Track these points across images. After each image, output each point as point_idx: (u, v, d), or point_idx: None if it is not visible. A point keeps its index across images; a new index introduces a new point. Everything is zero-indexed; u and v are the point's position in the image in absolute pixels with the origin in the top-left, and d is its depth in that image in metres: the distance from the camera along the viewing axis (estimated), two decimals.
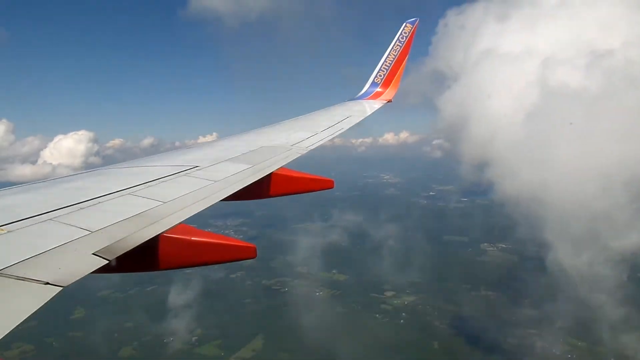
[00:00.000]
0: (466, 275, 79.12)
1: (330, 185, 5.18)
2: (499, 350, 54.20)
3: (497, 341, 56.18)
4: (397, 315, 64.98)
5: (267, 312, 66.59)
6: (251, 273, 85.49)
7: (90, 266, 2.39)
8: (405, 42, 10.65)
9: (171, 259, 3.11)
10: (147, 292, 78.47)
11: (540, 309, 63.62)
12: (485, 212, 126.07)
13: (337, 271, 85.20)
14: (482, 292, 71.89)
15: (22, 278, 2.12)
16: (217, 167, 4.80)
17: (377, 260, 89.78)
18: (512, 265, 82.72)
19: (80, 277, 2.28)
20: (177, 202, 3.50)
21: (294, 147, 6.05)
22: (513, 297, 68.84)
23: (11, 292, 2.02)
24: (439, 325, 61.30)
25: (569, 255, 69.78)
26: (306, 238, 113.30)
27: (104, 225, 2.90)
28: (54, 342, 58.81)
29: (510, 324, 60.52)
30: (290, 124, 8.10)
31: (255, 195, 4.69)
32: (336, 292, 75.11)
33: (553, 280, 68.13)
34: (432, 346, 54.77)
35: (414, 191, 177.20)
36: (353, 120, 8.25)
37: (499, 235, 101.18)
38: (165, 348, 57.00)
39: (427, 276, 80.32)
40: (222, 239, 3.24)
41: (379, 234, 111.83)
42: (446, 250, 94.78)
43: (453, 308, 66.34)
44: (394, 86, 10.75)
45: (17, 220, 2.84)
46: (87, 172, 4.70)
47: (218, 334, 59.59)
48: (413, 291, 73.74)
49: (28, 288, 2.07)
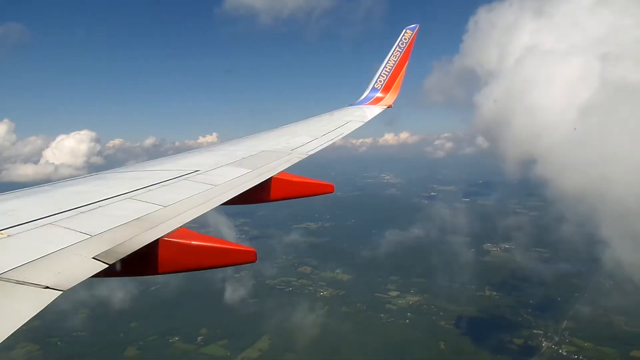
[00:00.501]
0: (470, 275, 79.11)
1: (330, 189, 5.22)
2: (507, 351, 54.18)
3: (504, 342, 56.16)
4: (402, 315, 64.89)
5: (272, 312, 66.39)
6: (255, 273, 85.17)
7: (90, 270, 2.40)
8: (405, 48, 10.73)
9: (171, 263, 3.10)
10: (150, 292, 78.14)
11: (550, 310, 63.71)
12: (487, 213, 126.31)
13: (340, 271, 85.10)
14: (487, 293, 71.83)
15: (22, 282, 2.12)
16: (218, 171, 4.85)
17: (380, 260, 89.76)
18: (516, 266, 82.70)
19: (80, 281, 2.29)
20: (177, 206, 3.53)
21: (294, 151, 6.09)
22: (518, 298, 68.84)
23: (11, 296, 2.02)
24: (444, 325, 61.23)
25: (628, 252, 68.25)
26: (308, 238, 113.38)
27: (104, 229, 2.91)
28: (59, 342, 58.56)
29: (516, 324, 60.52)
30: (290, 128, 8.15)
31: (255, 199, 4.75)
32: (340, 291, 74.99)
33: (608, 278, 67.90)
34: (439, 346, 54.67)
35: (414, 192, 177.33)
36: (353, 126, 8.34)
37: (503, 236, 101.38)
38: (171, 348, 56.79)
39: (431, 276, 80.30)
40: (223, 243, 3.24)
41: (380, 234, 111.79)
42: (449, 251, 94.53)
43: (458, 308, 66.28)
44: (394, 91, 10.83)
45: (17, 225, 2.85)
46: (87, 176, 4.73)
47: (223, 334, 59.38)
48: (417, 291, 73.68)
49: (28, 292, 2.07)
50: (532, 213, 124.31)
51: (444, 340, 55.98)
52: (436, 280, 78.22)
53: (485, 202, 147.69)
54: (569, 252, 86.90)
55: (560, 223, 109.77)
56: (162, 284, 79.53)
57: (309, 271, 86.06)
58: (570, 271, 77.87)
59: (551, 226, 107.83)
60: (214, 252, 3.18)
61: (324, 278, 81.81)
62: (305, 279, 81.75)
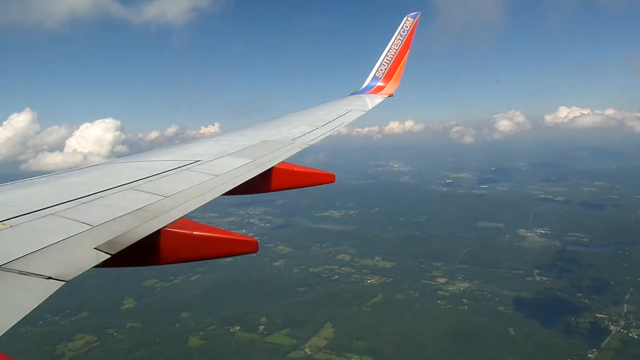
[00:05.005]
0: (514, 260, 78.88)
1: (331, 179, 5.15)
2: (576, 333, 53.83)
3: (571, 324, 55.86)
4: (458, 301, 64.26)
5: (326, 300, 65.36)
6: (293, 261, 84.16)
7: (92, 261, 2.39)
8: (406, 36, 10.58)
9: (173, 253, 3.10)
10: (191, 281, 76.71)
11: (606, 293, 63.61)
12: (510, 199, 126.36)
13: (380, 258, 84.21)
14: (536, 278, 71.52)
15: (25, 273, 2.12)
16: (219, 161, 4.83)
17: (416, 247, 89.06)
18: (558, 250, 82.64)
19: (82, 272, 2.27)
20: (178, 197, 3.52)
21: (295, 141, 6.07)
22: (570, 281, 68.64)
23: (14, 286, 2.02)
24: (504, 310, 60.73)
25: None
26: (335, 226, 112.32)
27: (106, 219, 2.90)
28: (115, 332, 56.91)
29: (577, 307, 60.27)
30: (291, 118, 8.11)
31: (256, 189, 4.74)
32: (387, 279, 74.12)
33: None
34: (509, 332, 54.14)
35: (429, 179, 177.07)
36: (354, 115, 8.29)
37: (535, 221, 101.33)
38: (234, 337, 55.46)
39: (474, 262, 79.95)
40: (224, 233, 3.24)
41: (408, 221, 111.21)
42: (483, 237, 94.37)
43: (512, 293, 65.85)
44: (396, 80, 10.73)
45: (19, 215, 2.84)
46: (89, 167, 4.68)
47: (284, 323, 58.16)
48: (465, 277, 73.10)
49: (30, 283, 2.07)
50: (557, 198, 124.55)
51: (511, 326, 55.37)
52: (480, 266, 77.84)
53: (504, 189, 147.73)
54: (608, 236, 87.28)
55: (591, 208, 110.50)
56: (203, 272, 78.36)
57: (348, 259, 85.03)
58: (615, 255, 77.88)
59: (581, 212, 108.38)
60: (215, 242, 3.17)
61: (366, 266, 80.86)
62: (347, 266, 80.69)
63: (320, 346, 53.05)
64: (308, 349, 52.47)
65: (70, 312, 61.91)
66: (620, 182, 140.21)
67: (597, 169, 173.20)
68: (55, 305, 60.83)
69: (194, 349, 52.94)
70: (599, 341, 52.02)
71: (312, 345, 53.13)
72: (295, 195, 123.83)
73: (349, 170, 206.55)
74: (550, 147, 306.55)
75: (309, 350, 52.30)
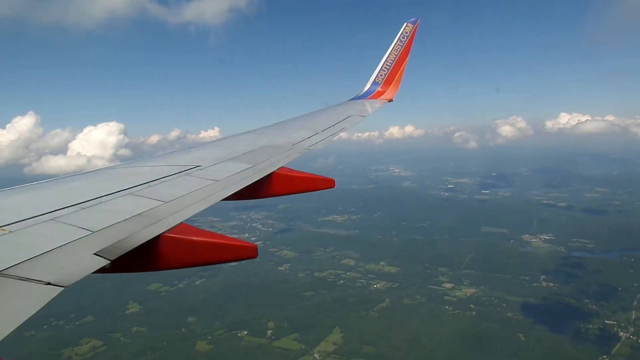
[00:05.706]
0: (520, 266, 78.72)
1: (331, 184, 5.14)
2: (586, 339, 53.61)
3: (580, 330, 55.65)
4: (466, 306, 63.99)
5: (333, 305, 65.00)
6: (298, 265, 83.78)
7: (92, 266, 2.38)
8: (406, 42, 10.65)
9: (172, 259, 3.08)
10: (196, 285, 76.19)
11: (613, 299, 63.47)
12: (513, 204, 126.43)
13: (385, 263, 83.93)
14: (542, 283, 71.36)
15: (24, 278, 2.11)
16: (219, 166, 4.84)
17: (420, 252, 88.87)
18: (563, 256, 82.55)
19: (81, 278, 2.26)
20: (178, 202, 3.53)
21: (295, 146, 6.07)
22: (577, 287, 68.50)
23: (13, 292, 2.02)
24: (513, 316, 60.47)
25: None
26: (338, 230, 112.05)
27: (105, 225, 2.89)
28: (122, 337, 56.39)
29: (585, 313, 60.08)
30: (291, 123, 8.13)
31: (256, 194, 4.73)
32: (393, 284, 73.82)
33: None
34: (519, 338, 53.87)
35: (430, 184, 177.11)
36: (354, 120, 8.32)
37: (539, 227, 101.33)
38: (242, 342, 55.02)
39: (479, 268, 79.72)
40: (223, 238, 3.24)
41: (411, 226, 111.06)
42: (488, 242, 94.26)
43: (519, 299, 65.61)
44: (395, 86, 10.77)
45: (19, 221, 2.82)
46: (89, 172, 4.67)
47: (292, 328, 57.73)
48: (471, 283, 72.85)
49: (29, 288, 2.06)
50: (560, 204, 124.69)
51: (521, 332, 55.12)
52: (486, 271, 77.64)
53: (506, 194, 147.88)
54: (612, 242, 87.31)
55: (594, 214, 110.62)
56: (207, 277, 77.88)
57: (353, 264, 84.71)
58: (620, 261, 77.87)
59: (584, 217, 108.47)
60: (215, 248, 3.15)
61: (371, 270, 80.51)
62: (352, 271, 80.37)
63: (329, 351, 52.66)
64: (317, 354, 52.10)
65: (75, 316, 61.35)
66: (622, 188, 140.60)
67: (599, 175, 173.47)
68: (59, 309, 60.36)
69: (202, 353, 52.46)
70: (610, 347, 51.81)
71: (321, 350, 52.74)
72: (297, 199, 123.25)
73: (350, 174, 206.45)
74: (551, 153, 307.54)
75: (318, 355, 51.93)
